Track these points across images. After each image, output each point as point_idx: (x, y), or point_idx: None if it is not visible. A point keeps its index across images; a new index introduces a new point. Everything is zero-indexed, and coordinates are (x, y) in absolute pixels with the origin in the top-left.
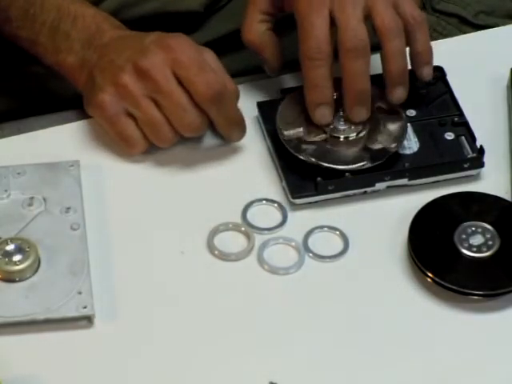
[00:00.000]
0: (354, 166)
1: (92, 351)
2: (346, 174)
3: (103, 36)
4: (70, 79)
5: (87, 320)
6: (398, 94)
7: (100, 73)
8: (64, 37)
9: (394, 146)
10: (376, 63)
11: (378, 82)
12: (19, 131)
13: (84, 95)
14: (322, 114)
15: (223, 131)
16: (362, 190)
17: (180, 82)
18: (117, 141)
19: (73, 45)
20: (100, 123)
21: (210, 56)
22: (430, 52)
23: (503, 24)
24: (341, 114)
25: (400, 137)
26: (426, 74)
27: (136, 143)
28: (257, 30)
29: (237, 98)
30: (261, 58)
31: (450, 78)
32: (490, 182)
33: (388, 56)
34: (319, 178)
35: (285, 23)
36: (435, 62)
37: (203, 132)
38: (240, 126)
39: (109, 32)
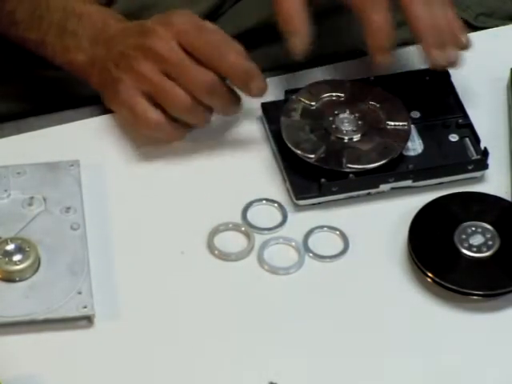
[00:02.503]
0: (357, 167)
1: (92, 351)
2: (350, 175)
3: (109, 29)
4: (81, 77)
5: (87, 320)
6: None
7: (114, 65)
8: (71, 35)
9: (398, 147)
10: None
11: (380, 83)
12: (19, 131)
13: (103, 93)
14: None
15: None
16: (366, 191)
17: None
18: (147, 134)
19: (81, 43)
20: (124, 118)
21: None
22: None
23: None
24: (345, 115)
25: (404, 138)
26: None
27: (165, 130)
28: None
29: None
30: (291, 35)
31: None
32: (491, 182)
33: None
34: (323, 180)
35: None
36: None
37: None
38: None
39: (114, 25)
